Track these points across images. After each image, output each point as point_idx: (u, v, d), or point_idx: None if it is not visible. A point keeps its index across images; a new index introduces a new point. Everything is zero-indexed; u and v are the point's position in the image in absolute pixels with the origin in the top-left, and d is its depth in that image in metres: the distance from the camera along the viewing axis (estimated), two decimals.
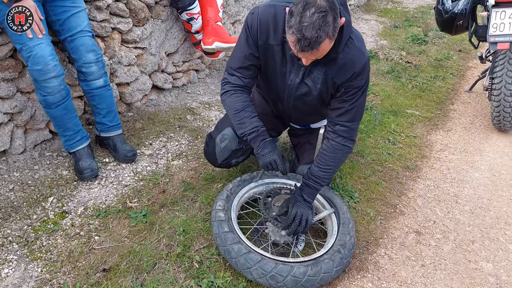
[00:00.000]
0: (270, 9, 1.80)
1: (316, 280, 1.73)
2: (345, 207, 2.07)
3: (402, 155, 2.94)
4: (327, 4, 1.50)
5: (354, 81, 1.81)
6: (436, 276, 1.99)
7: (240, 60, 1.91)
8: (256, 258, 1.73)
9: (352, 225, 1.98)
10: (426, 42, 5.40)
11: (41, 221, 2.07)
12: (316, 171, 1.93)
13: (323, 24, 1.49)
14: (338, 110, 1.89)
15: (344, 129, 1.90)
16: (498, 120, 3.23)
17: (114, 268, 1.83)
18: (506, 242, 2.24)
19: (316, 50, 1.55)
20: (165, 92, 3.35)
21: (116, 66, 2.79)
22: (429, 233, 2.26)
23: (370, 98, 3.73)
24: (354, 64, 1.78)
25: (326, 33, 1.51)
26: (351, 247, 1.88)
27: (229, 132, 2.17)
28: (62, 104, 2.19)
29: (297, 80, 1.90)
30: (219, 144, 2.19)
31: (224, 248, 1.81)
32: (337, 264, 1.79)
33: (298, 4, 1.52)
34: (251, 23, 1.83)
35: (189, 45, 3.41)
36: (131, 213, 2.14)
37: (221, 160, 2.23)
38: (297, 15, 1.51)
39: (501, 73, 3.06)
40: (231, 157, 2.24)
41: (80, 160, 2.34)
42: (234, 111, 1.94)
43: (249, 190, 2.15)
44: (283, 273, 1.69)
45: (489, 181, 2.75)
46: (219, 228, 1.85)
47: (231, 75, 1.96)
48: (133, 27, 2.82)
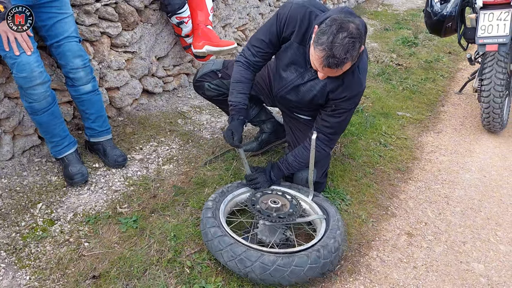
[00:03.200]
0: (302, 9, 1.99)
1: (286, 272, 1.69)
2: (338, 216, 2.03)
3: (393, 157, 2.95)
4: (357, 32, 1.71)
5: (344, 103, 2.05)
6: (428, 278, 1.99)
7: (258, 41, 2.14)
8: (228, 241, 1.76)
9: (340, 232, 1.93)
10: (416, 44, 5.44)
11: (30, 228, 2.04)
12: (291, 160, 2.23)
13: (351, 48, 1.70)
14: (324, 122, 2.13)
15: (325, 138, 2.16)
16: (487, 122, 3.26)
17: (104, 274, 1.81)
18: (497, 243, 2.25)
19: (340, 69, 1.76)
20: (156, 96, 3.34)
21: (106, 71, 2.77)
22: (420, 234, 2.26)
23: (361, 101, 3.74)
24: (349, 89, 2.01)
25: (351, 57, 1.72)
26: (332, 250, 1.83)
27: (219, 60, 2.51)
28: (48, 111, 2.17)
29: (298, 81, 2.12)
30: (205, 63, 2.53)
31: (203, 231, 1.87)
32: (312, 261, 1.73)
33: (332, 25, 1.71)
34: (282, 15, 2.03)
35: (179, 49, 3.40)
36: (121, 218, 2.12)
37: (199, 76, 2.49)
38: (331, 35, 1.70)
39: (490, 74, 3.08)
40: (206, 78, 2.46)
41: (69, 166, 2.31)
42: (233, 80, 2.20)
43: (246, 192, 2.20)
44: (251, 257, 1.70)
45: (479, 182, 2.77)
46: (203, 214, 1.93)
47: (248, 49, 2.19)
48: (122, 31, 2.81)
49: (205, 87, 2.48)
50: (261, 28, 2.15)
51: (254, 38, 2.17)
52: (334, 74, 1.83)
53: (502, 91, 3.06)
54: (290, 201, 2.05)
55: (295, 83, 2.13)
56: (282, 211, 1.97)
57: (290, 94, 2.19)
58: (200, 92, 2.55)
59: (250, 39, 2.20)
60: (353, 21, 1.73)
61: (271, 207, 1.97)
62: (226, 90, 2.42)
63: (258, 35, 2.16)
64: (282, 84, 2.21)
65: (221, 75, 2.44)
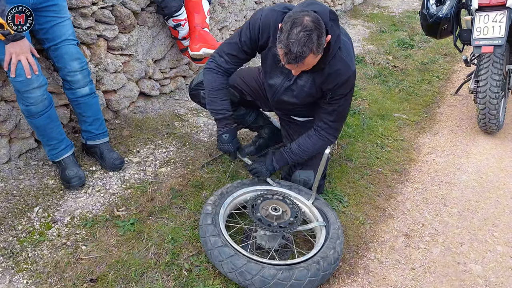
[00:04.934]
0: (273, 13, 1.99)
1: (286, 286, 1.69)
2: (338, 224, 2.02)
3: (390, 159, 2.96)
4: (312, 24, 1.71)
5: (338, 89, 2.03)
6: (426, 279, 1.99)
7: (232, 47, 2.11)
8: (229, 252, 1.76)
9: (340, 241, 1.93)
10: (412, 46, 5.45)
11: (27, 232, 2.03)
12: (294, 148, 2.23)
13: (308, 41, 1.70)
14: (324, 110, 2.15)
15: (327, 126, 2.16)
16: (484, 123, 3.27)
17: (101, 278, 1.80)
18: (494, 244, 2.25)
19: (301, 63, 1.77)
20: (153, 99, 3.33)
21: (103, 74, 2.77)
22: (418, 236, 2.27)
23: (357, 103, 3.75)
24: (338, 76, 1.98)
25: (310, 49, 1.72)
26: (332, 261, 1.83)
27: None
28: (45, 114, 2.16)
29: (287, 83, 2.12)
30: (200, 71, 2.43)
31: (203, 239, 1.86)
32: (312, 274, 1.74)
33: (287, 22, 1.73)
34: (254, 22, 2.03)
35: (176, 51, 3.41)
36: (118, 221, 2.11)
37: (194, 84, 2.47)
38: (286, 32, 1.73)
39: (485, 76, 3.10)
40: (201, 86, 2.39)
41: (66, 169, 2.31)
42: (211, 88, 2.17)
43: (246, 193, 2.18)
44: (252, 271, 1.70)
45: (476, 183, 2.78)
46: (203, 220, 1.91)
47: (220, 56, 2.15)
48: (119, 34, 2.80)
49: (200, 95, 2.45)
50: (234, 35, 2.13)
51: (227, 46, 2.14)
52: (301, 68, 1.85)
53: (498, 92, 3.07)
54: (291, 208, 2.04)
55: (284, 85, 2.13)
56: (283, 219, 1.97)
57: (285, 95, 2.18)
58: (196, 100, 2.54)
59: (222, 46, 2.17)
60: (308, 14, 1.73)
61: (271, 215, 1.95)
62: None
63: (231, 42, 2.13)
64: (273, 90, 2.21)
65: None
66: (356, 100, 3.77)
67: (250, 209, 1.98)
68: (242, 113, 2.57)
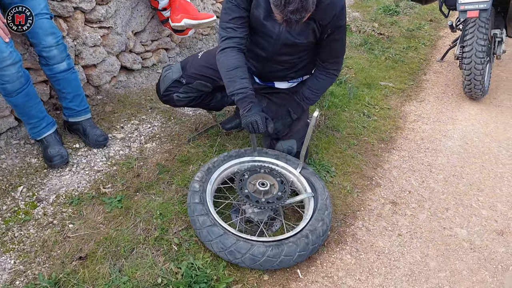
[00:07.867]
0: None
1: (275, 262, 1.71)
2: (326, 194, 2.01)
3: (377, 128, 2.96)
4: None
5: (336, 21, 2.00)
6: (413, 245, 2.03)
7: (231, 12, 2.02)
8: (218, 232, 1.75)
9: (329, 212, 1.93)
10: (397, 12, 5.40)
11: (12, 212, 2.00)
12: (308, 93, 2.25)
13: (305, 4, 1.70)
14: (325, 49, 2.13)
15: (331, 64, 2.19)
16: (469, 89, 3.28)
17: (90, 255, 1.79)
18: (479, 208, 2.29)
19: (301, 22, 1.80)
20: (135, 73, 3.25)
21: (81, 48, 2.68)
22: (404, 203, 2.30)
23: (344, 72, 3.72)
24: (334, 6, 1.96)
25: (307, 10, 1.74)
26: (321, 234, 1.83)
27: (176, 65, 2.37)
28: (22, 91, 2.09)
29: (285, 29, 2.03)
30: (163, 73, 2.38)
31: (191, 218, 1.84)
32: (301, 249, 1.75)
33: None
34: None
35: (157, 23, 3.30)
36: (105, 199, 2.09)
37: (163, 90, 2.36)
38: None
39: (471, 41, 3.08)
40: (172, 89, 2.34)
41: (48, 147, 2.26)
42: (227, 69, 2.01)
43: (233, 165, 2.14)
44: (241, 250, 1.70)
45: (461, 149, 2.81)
46: (190, 199, 1.89)
47: (224, 29, 2.05)
48: (96, 6, 2.70)
49: (174, 99, 2.36)
50: (223, 5, 2.05)
51: (224, 16, 2.05)
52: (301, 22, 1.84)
53: (483, 57, 3.07)
54: (278, 181, 2.03)
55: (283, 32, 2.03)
56: (271, 194, 1.96)
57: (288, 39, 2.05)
58: (171, 104, 2.44)
59: (220, 22, 2.07)
60: None
61: (259, 191, 1.94)
62: (196, 93, 2.36)
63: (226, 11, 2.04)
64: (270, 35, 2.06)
65: (185, 80, 2.32)
66: (342, 69, 3.74)
67: (237, 186, 1.97)
68: (219, 98, 2.53)
